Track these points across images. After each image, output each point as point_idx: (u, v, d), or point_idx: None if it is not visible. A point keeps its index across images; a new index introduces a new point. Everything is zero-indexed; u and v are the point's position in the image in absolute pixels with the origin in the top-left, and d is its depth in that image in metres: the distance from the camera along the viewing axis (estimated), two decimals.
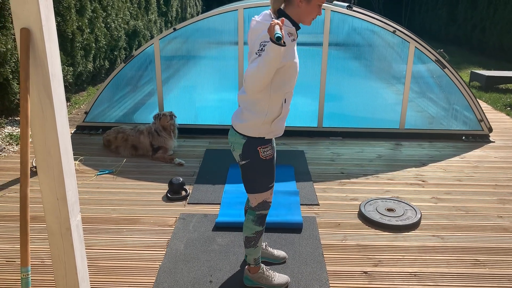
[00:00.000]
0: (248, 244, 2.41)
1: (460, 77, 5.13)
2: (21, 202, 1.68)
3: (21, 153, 1.70)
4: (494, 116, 6.37)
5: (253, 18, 2.18)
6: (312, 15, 2.13)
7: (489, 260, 2.82)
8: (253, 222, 2.37)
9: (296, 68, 2.15)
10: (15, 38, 5.31)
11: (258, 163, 2.23)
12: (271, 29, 1.84)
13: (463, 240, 3.05)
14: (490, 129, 5.19)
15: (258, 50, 2.02)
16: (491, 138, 5.22)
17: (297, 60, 2.15)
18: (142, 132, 4.54)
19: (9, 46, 5.13)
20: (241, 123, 2.21)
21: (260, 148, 2.21)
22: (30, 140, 3.45)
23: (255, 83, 1.99)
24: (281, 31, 1.82)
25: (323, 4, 2.81)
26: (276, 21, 1.86)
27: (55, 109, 1.74)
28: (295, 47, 2.15)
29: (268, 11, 2.17)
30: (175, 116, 4.64)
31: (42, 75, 1.70)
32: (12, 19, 5.21)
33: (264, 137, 2.21)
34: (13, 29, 5.24)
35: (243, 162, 2.26)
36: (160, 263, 2.73)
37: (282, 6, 2.14)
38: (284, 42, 1.84)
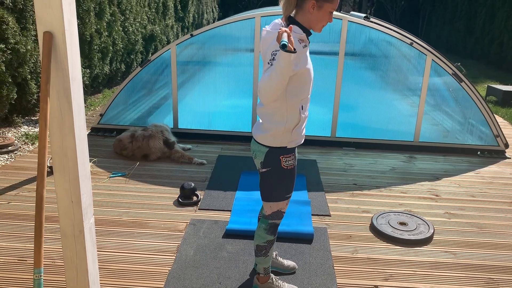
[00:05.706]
0: (259, 253, 2.40)
1: (477, 91, 5.07)
2: (36, 204, 1.70)
3: (39, 155, 1.72)
4: (510, 131, 6.28)
5: (263, 28, 2.18)
6: (323, 22, 2.11)
7: (503, 279, 2.77)
8: (265, 231, 2.36)
9: (310, 75, 2.13)
10: (35, 39, 5.40)
11: (279, 172, 2.22)
12: (278, 37, 1.85)
13: (476, 257, 3.00)
14: (507, 145, 5.12)
15: (270, 60, 2.01)
16: (507, 154, 5.14)
17: (310, 66, 2.13)
18: (152, 137, 4.54)
19: (29, 47, 5.22)
20: (262, 134, 2.21)
21: (282, 157, 2.20)
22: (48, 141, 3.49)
23: (268, 93, 1.98)
24: (289, 39, 1.82)
25: (342, 15, 2.81)
26: (284, 29, 1.85)
27: (73, 112, 1.76)
28: (308, 54, 2.13)
29: (278, 20, 2.17)
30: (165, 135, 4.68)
31: (63, 79, 1.72)
32: (33, 21, 5.30)
33: (286, 146, 2.20)
34: (34, 30, 5.33)
35: (264, 170, 2.24)
36: (170, 268, 2.73)
37: (293, 13, 2.13)
38: (294, 49, 1.82)
